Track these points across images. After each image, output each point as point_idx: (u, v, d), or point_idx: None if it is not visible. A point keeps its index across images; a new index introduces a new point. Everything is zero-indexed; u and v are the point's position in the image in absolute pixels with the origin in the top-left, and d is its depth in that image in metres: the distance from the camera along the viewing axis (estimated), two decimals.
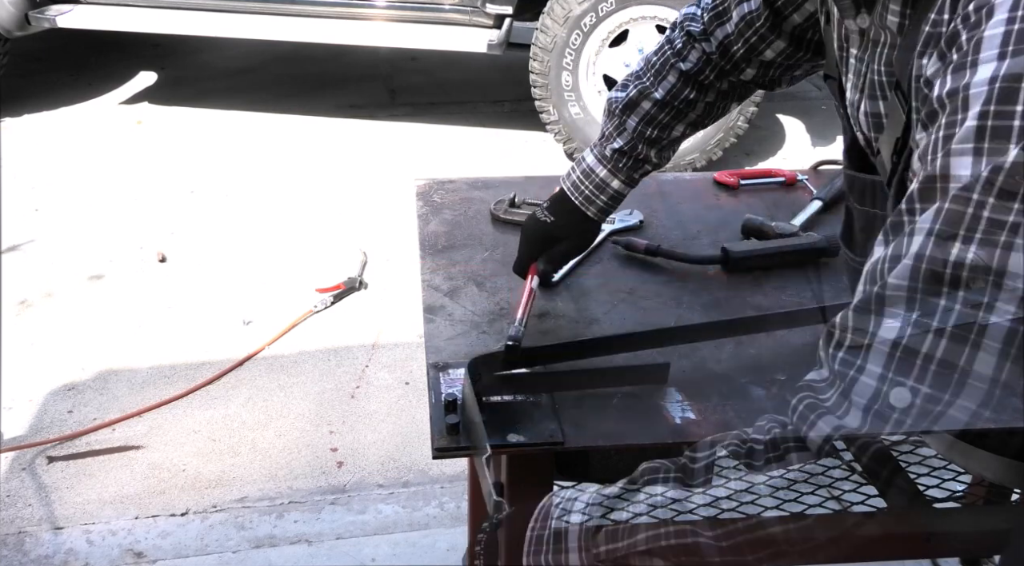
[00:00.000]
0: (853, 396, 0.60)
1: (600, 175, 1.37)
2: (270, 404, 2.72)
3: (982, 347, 0.56)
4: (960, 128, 0.59)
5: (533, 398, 1.22)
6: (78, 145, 4.47)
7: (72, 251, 3.52)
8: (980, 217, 0.57)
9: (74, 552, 2.20)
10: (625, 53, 4.15)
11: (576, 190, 1.38)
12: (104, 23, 4.40)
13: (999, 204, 0.57)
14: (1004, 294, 0.56)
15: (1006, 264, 0.56)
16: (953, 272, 0.58)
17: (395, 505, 2.35)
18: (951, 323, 0.57)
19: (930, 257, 0.59)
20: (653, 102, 1.33)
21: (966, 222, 0.58)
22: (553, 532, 0.76)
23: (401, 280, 3.24)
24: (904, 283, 0.60)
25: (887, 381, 0.59)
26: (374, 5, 4.28)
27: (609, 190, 1.37)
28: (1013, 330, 0.56)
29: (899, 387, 0.59)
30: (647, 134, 1.34)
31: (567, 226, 1.39)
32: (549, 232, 1.39)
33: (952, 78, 0.62)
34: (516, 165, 4.25)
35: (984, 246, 0.57)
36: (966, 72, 0.60)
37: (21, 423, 2.62)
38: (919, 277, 0.59)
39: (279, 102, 4.96)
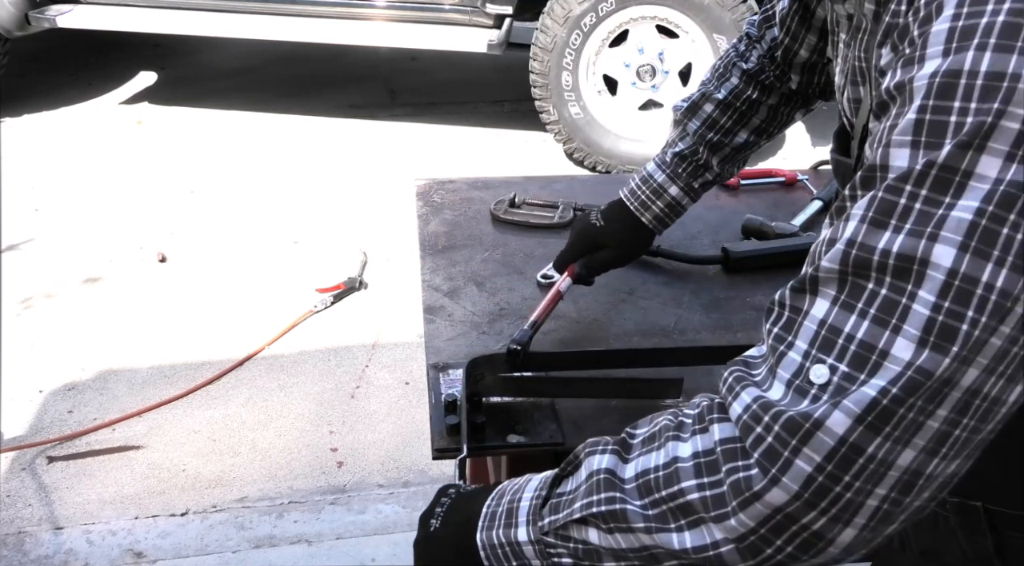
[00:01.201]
0: (779, 370, 0.63)
1: (658, 180, 1.35)
2: (270, 404, 2.72)
3: (901, 332, 0.58)
4: (902, 120, 0.61)
5: (533, 399, 1.22)
6: (78, 145, 4.47)
7: (72, 251, 3.52)
8: (911, 208, 0.59)
9: (74, 552, 2.20)
10: (625, 53, 4.15)
11: (632, 196, 1.36)
12: (104, 23, 4.40)
13: (930, 197, 0.59)
14: (927, 283, 0.58)
15: (930, 254, 0.58)
16: (880, 259, 0.60)
17: (395, 505, 2.35)
18: (875, 307, 0.59)
19: (861, 243, 0.61)
20: (715, 103, 1.32)
21: (897, 212, 0.60)
22: (506, 509, 0.77)
23: (401, 280, 3.24)
24: (836, 267, 0.62)
25: (810, 357, 0.61)
26: (374, 5, 4.28)
27: (666, 196, 1.35)
28: (932, 319, 0.58)
29: (819, 364, 0.61)
30: (708, 138, 1.33)
31: (615, 233, 1.37)
32: (595, 236, 1.37)
33: (901, 71, 0.63)
34: (516, 165, 4.25)
35: (912, 236, 0.59)
36: (913, 66, 0.62)
37: (21, 423, 2.62)
38: (849, 262, 0.61)
39: (279, 102, 4.96)
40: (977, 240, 0.57)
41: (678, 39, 4.11)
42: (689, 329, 1.39)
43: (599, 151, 4.20)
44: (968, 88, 0.58)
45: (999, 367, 0.59)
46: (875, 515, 0.61)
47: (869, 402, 0.58)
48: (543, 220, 1.71)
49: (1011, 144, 0.57)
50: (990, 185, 0.57)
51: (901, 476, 0.60)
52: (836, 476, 0.59)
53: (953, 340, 0.58)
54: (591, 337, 1.37)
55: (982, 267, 0.57)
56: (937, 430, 0.59)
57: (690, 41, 4.10)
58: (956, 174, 0.59)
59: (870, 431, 0.59)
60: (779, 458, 0.60)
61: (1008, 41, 0.58)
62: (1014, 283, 0.58)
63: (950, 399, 0.59)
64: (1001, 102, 0.57)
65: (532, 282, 1.51)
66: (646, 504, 0.67)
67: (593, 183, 2.24)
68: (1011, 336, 0.59)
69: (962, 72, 0.59)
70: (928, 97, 0.60)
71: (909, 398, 0.58)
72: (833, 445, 0.59)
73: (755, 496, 0.61)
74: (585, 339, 1.37)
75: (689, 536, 0.65)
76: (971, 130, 0.58)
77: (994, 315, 0.58)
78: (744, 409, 0.63)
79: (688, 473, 0.65)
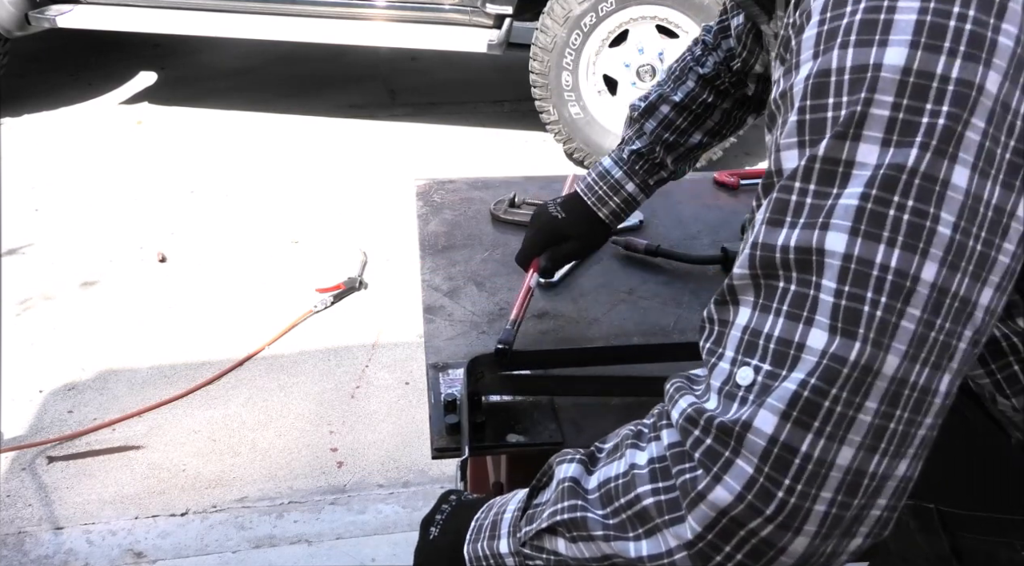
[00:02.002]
0: (712, 381, 0.64)
1: (616, 176, 1.37)
2: (270, 404, 2.72)
3: (814, 323, 0.59)
4: (787, 125, 0.64)
5: (532, 398, 1.22)
6: (78, 145, 4.47)
7: (72, 251, 3.52)
8: (803, 203, 0.61)
9: (74, 552, 2.20)
10: (625, 53, 4.15)
11: (590, 191, 1.38)
12: (104, 23, 4.40)
13: (819, 190, 0.61)
14: (827, 271, 0.59)
15: (824, 243, 0.60)
16: (782, 256, 0.61)
17: (395, 505, 2.35)
18: (787, 303, 0.61)
19: (762, 244, 0.63)
20: (672, 105, 1.35)
21: (791, 209, 0.62)
22: (491, 521, 0.79)
23: (401, 280, 3.24)
24: (746, 272, 0.63)
25: (736, 362, 0.62)
26: (374, 5, 4.28)
27: (623, 192, 1.37)
28: (836, 305, 0.59)
29: (745, 367, 0.62)
30: (665, 138, 1.36)
31: (576, 224, 1.39)
32: (558, 228, 1.39)
33: (783, 80, 0.67)
34: (516, 165, 4.25)
35: (806, 229, 0.61)
36: (792, 74, 0.65)
37: (21, 423, 2.62)
38: (756, 264, 0.63)
39: (279, 102, 4.96)
40: (866, 223, 0.59)
41: (678, 39, 4.11)
42: (689, 329, 1.39)
43: (599, 151, 4.20)
44: (838, 84, 0.61)
45: (921, 354, 0.59)
46: (825, 521, 0.60)
47: (791, 396, 0.59)
48: None
49: (884, 130, 0.60)
50: (871, 171, 0.59)
51: (844, 477, 0.59)
52: (775, 479, 0.59)
53: (858, 323, 0.58)
54: (591, 337, 1.37)
55: (874, 249, 0.59)
56: (871, 424, 0.59)
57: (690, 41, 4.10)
58: (839, 165, 0.61)
59: (799, 427, 0.59)
60: (720, 458, 0.60)
61: (867, 36, 0.61)
62: (908, 262, 0.59)
63: (876, 389, 0.59)
64: (867, 91, 0.60)
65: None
66: (607, 513, 0.67)
67: None
68: (924, 320, 0.59)
69: (831, 70, 0.62)
70: (805, 98, 0.63)
71: (830, 388, 0.58)
72: (765, 446, 0.59)
73: (699, 496, 0.61)
74: (585, 339, 1.37)
75: (646, 545, 0.65)
76: (844, 121, 0.60)
77: (894, 295, 0.58)
78: (680, 413, 0.64)
79: (644, 479, 0.65)
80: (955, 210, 0.59)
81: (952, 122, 0.59)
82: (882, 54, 0.60)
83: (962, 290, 0.60)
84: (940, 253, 0.59)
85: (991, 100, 0.60)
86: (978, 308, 0.61)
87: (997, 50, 0.60)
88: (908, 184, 0.59)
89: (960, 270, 0.60)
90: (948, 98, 0.59)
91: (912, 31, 0.60)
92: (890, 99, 0.60)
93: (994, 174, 0.60)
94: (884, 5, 0.61)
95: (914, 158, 0.59)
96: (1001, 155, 0.60)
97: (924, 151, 0.59)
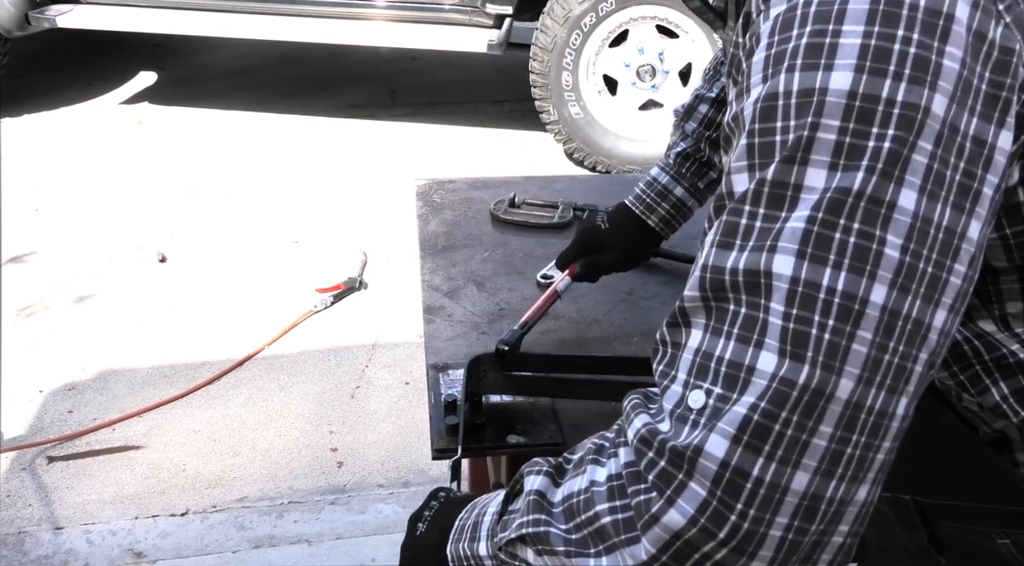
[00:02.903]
0: (664, 403, 0.63)
1: (663, 182, 1.37)
2: (270, 404, 2.72)
3: (764, 346, 0.59)
4: (738, 148, 0.64)
5: (533, 399, 1.22)
6: (78, 145, 4.47)
7: (72, 251, 3.52)
8: (752, 227, 0.61)
9: (74, 552, 2.20)
10: (625, 53, 4.15)
11: (639, 201, 1.38)
12: (104, 23, 4.40)
13: (767, 213, 0.61)
14: (775, 294, 0.59)
15: (771, 266, 0.59)
16: (731, 278, 0.61)
17: (395, 505, 2.35)
18: (737, 326, 0.60)
19: (712, 266, 0.63)
20: (709, 103, 1.36)
21: (740, 231, 0.62)
22: (472, 522, 0.79)
23: (401, 280, 3.24)
24: (697, 294, 0.63)
25: (688, 385, 0.62)
26: (374, 5, 4.28)
27: (672, 197, 1.37)
28: (784, 328, 0.59)
29: (697, 390, 0.61)
30: (707, 135, 1.36)
31: (620, 236, 1.38)
32: (599, 238, 1.39)
33: (736, 103, 0.67)
34: (516, 165, 4.25)
35: (754, 251, 0.60)
36: (744, 97, 0.65)
37: (21, 423, 2.62)
38: (707, 287, 0.63)
39: (279, 102, 4.96)
40: (812, 247, 0.59)
41: (678, 39, 4.11)
42: None
43: (599, 151, 4.20)
44: (785, 108, 0.61)
45: (876, 377, 0.59)
46: (781, 547, 0.59)
47: (741, 420, 0.58)
48: (543, 220, 1.71)
49: (831, 154, 0.60)
50: (818, 194, 0.59)
51: (800, 502, 0.58)
52: (728, 503, 0.58)
53: (806, 346, 0.58)
54: (591, 337, 1.37)
55: (821, 272, 0.59)
56: (826, 448, 0.58)
57: (690, 41, 4.10)
58: (787, 189, 0.61)
59: (750, 451, 0.58)
60: (673, 480, 0.60)
61: (813, 60, 0.61)
62: (855, 285, 0.58)
63: (830, 413, 0.58)
64: (814, 115, 0.60)
65: (532, 282, 1.51)
66: (570, 528, 0.67)
67: (593, 183, 2.24)
68: (877, 343, 0.59)
69: (778, 94, 0.62)
70: (754, 122, 0.63)
71: (780, 412, 0.58)
72: (716, 470, 0.58)
73: (653, 519, 0.60)
74: (585, 339, 1.37)
75: (606, 561, 0.64)
76: (792, 145, 0.60)
77: (842, 318, 0.58)
78: (635, 434, 0.64)
79: (602, 497, 0.64)
80: (903, 232, 0.59)
81: (898, 145, 0.59)
82: (828, 78, 0.60)
83: (914, 312, 0.60)
84: (889, 275, 0.59)
85: (938, 122, 0.60)
86: (932, 330, 0.61)
87: (943, 73, 0.60)
88: (854, 207, 0.59)
89: (911, 292, 0.59)
90: (894, 121, 0.59)
91: (857, 55, 0.60)
92: (836, 123, 0.60)
93: (944, 195, 0.60)
94: (830, 29, 0.61)
95: (860, 181, 0.59)
96: (951, 177, 0.60)
97: (870, 174, 0.59)
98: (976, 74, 0.61)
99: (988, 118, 0.62)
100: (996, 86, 0.62)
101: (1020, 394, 0.76)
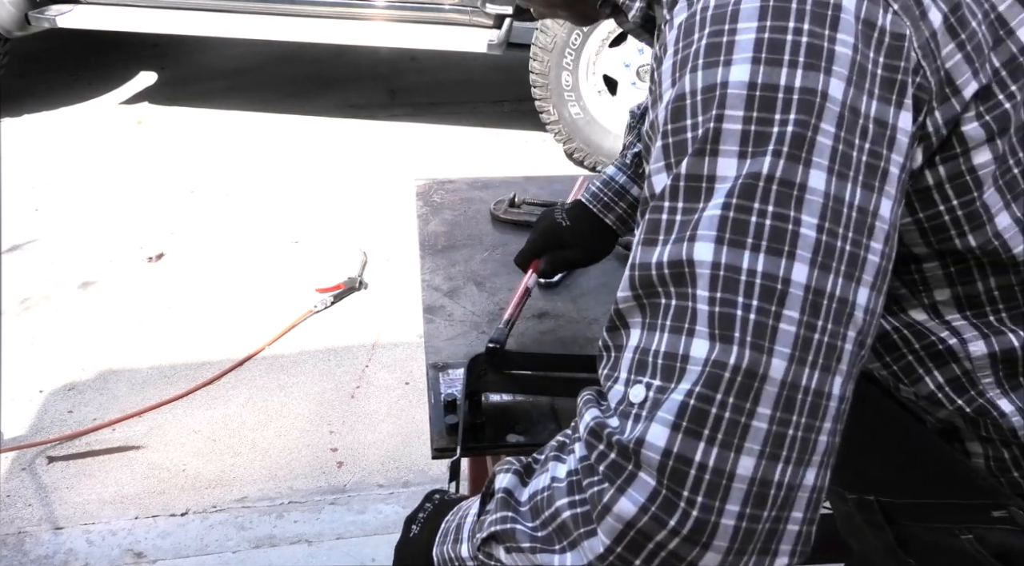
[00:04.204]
0: (611, 402, 0.64)
1: (620, 181, 1.37)
2: (270, 404, 2.72)
3: (695, 334, 0.60)
4: (654, 151, 0.66)
5: (533, 399, 1.22)
6: (78, 145, 4.47)
7: (72, 251, 3.52)
8: (673, 221, 0.63)
9: (74, 552, 2.20)
10: (625, 53, 4.15)
11: (595, 199, 1.38)
12: (104, 23, 4.40)
13: (685, 206, 0.63)
14: (699, 281, 0.61)
15: (692, 254, 0.61)
16: (657, 272, 0.63)
17: (395, 505, 2.35)
18: (670, 318, 0.62)
19: (640, 264, 0.64)
20: None
21: (662, 227, 0.64)
22: (456, 524, 0.80)
23: (401, 280, 3.24)
24: (629, 294, 0.65)
25: (629, 382, 0.63)
26: (374, 5, 4.28)
27: (629, 197, 1.37)
28: (711, 312, 0.60)
29: (637, 385, 0.62)
30: None
31: (580, 234, 1.38)
32: (560, 235, 1.39)
33: (652, 111, 0.70)
34: (516, 165, 4.25)
35: (676, 243, 0.62)
36: (657, 104, 0.68)
37: (21, 423, 2.62)
38: (636, 284, 0.64)
39: (279, 102, 4.96)
40: (730, 232, 0.60)
41: None
42: None
43: (599, 151, 4.20)
44: (693, 105, 0.64)
45: (808, 356, 0.60)
46: (736, 536, 0.59)
47: (679, 407, 0.59)
48: None
49: (738, 142, 0.62)
50: (730, 182, 0.61)
51: (749, 488, 0.58)
52: (675, 491, 0.58)
53: (733, 327, 0.59)
54: (591, 337, 1.37)
55: (740, 255, 0.60)
56: (767, 431, 0.59)
57: None
58: (701, 181, 0.62)
59: (690, 437, 0.58)
60: (623, 471, 0.60)
61: (712, 58, 0.63)
62: (775, 265, 0.60)
63: (766, 394, 0.59)
64: (718, 108, 0.62)
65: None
66: (536, 525, 0.67)
67: None
68: (804, 322, 0.60)
69: (685, 94, 0.64)
70: (667, 123, 0.65)
71: (716, 394, 0.58)
72: (660, 459, 0.59)
73: (606, 509, 0.61)
74: (584, 338, 1.37)
75: (570, 557, 0.64)
76: (701, 139, 0.63)
77: (766, 298, 0.59)
78: (585, 428, 0.64)
79: (562, 492, 0.65)
80: (816, 212, 0.60)
81: (801, 129, 0.61)
82: (727, 73, 0.63)
83: (838, 290, 0.61)
84: (808, 254, 0.60)
85: (837, 105, 0.62)
86: (857, 308, 0.62)
87: (836, 58, 0.62)
88: (766, 191, 0.60)
89: (832, 270, 0.61)
90: (794, 106, 0.61)
91: (752, 48, 0.62)
92: (740, 113, 0.62)
93: (852, 176, 0.62)
94: (725, 28, 0.63)
95: (768, 165, 0.61)
96: (857, 157, 0.62)
97: (778, 158, 0.61)
98: (870, 59, 0.63)
99: (887, 100, 0.64)
100: (891, 70, 0.64)
101: (954, 383, 0.77)
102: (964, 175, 0.70)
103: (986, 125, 0.69)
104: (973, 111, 0.69)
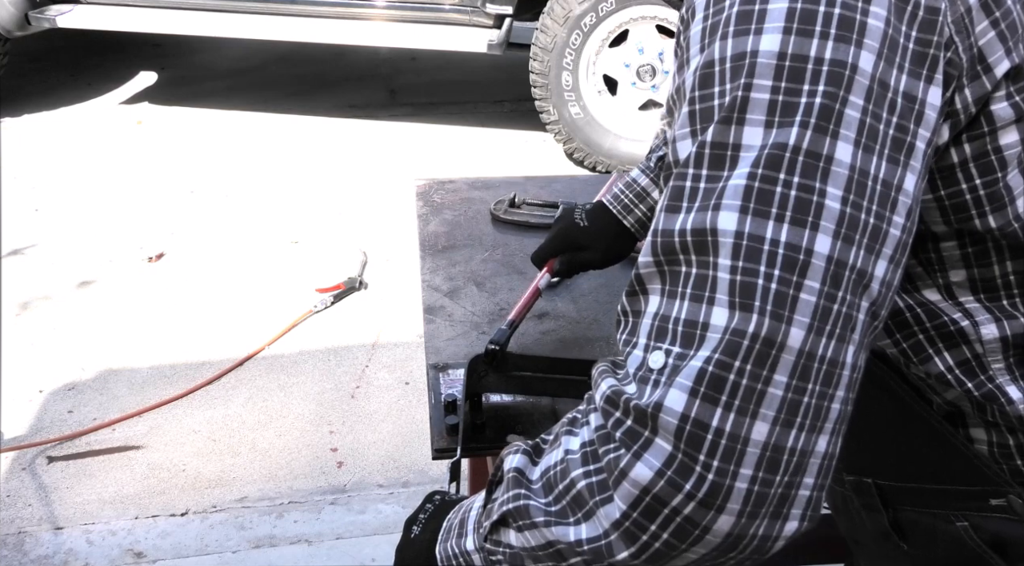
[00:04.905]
0: (628, 368, 0.65)
1: (642, 184, 1.36)
2: (270, 404, 2.72)
3: (715, 302, 0.61)
4: (680, 117, 0.67)
5: (533, 399, 1.22)
6: (78, 145, 4.47)
7: (72, 251, 3.52)
8: (697, 188, 0.63)
9: (74, 552, 2.20)
10: (625, 53, 4.15)
11: (616, 201, 1.38)
12: (104, 23, 4.40)
13: (710, 174, 0.63)
14: (722, 250, 0.61)
15: (716, 223, 0.61)
16: (680, 239, 0.63)
17: (395, 505, 2.35)
18: (690, 286, 0.62)
19: (662, 231, 0.64)
20: None
21: (686, 194, 0.64)
22: (459, 519, 0.80)
23: (401, 280, 3.24)
24: (650, 259, 0.65)
25: (648, 349, 0.64)
26: (374, 5, 4.28)
27: (649, 200, 1.36)
28: (732, 281, 0.61)
29: (657, 351, 0.63)
30: None
31: (598, 236, 1.37)
32: (579, 236, 1.38)
33: (678, 76, 0.70)
34: (516, 165, 4.25)
35: (700, 211, 0.62)
36: (684, 69, 0.68)
37: (21, 423, 2.62)
38: (658, 251, 0.64)
39: (279, 102, 4.96)
40: (755, 201, 0.60)
41: None
42: None
43: (599, 151, 4.20)
44: (721, 73, 0.64)
45: (826, 326, 0.60)
46: (749, 499, 0.60)
47: (697, 373, 0.60)
48: (543, 220, 1.71)
49: (766, 112, 0.62)
50: (756, 152, 0.61)
51: (763, 452, 0.59)
52: (692, 455, 0.59)
53: (753, 296, 0.60)
54: (591, 337, 1.37)
55: (764, 225, 0.60)
56: (783, 398, 0.59)
57: None
58: (727, 149, 0.63)
59: (708, 402, 0.59)
60: (640, 437, 0.61)
61: (743, 26, 0.63)
62: (799, 236, 0.60)
63: (783, 362, 0.59)
64: (747, 77, 0.62)
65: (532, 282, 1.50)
66: (550, 501, 0.68)
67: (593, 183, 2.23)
68: (825, 292, 0.60)
69: (714, 61, 0.64)
70: (694, 90, 0.65)
71: (734, 362, 0.59)
72: (677, 424, 0.60)
73: (622, 474, 0.62)
74: (585, 339, 1.37)
75: (585, 528, 0.65)
76: (728, 107, 0.63)
77: (788, 268, 0.60)
78: (601, 396, 0.65)
79: (577, 463, 0.66)
80: (841, 184, 0.61)
81: (829, 101, 0.61)
82: (758, 41, 0.63)
83: (859, 262, 0.61)
84: (832, 226, 0.60)
85: (866, 78, 0.62)
86: (874, 280, 0.62)
87: (868, 31, 0.62)
88: (792, 161, 0.61)
89: (854, 243, 0.61)
90: (823, 78, 0.61)
91: (784, 18, 0.62)
92: (769, 83, 0.62)
93: (879, 149, 0.62)
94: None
95: (795, 136, 0.61)
96: (884, 131, 0.62)
97: (805, 129, 0.61)
98: (902, 33, 0.63)
99: (917, 75, 0.64)
100: (923, 44, 0.64)
101: (964, 365, 0.78)
102: (989, 155, 0.70)
103: (1016, 105, 0.69)
104: (1003, 91, 0.69)
